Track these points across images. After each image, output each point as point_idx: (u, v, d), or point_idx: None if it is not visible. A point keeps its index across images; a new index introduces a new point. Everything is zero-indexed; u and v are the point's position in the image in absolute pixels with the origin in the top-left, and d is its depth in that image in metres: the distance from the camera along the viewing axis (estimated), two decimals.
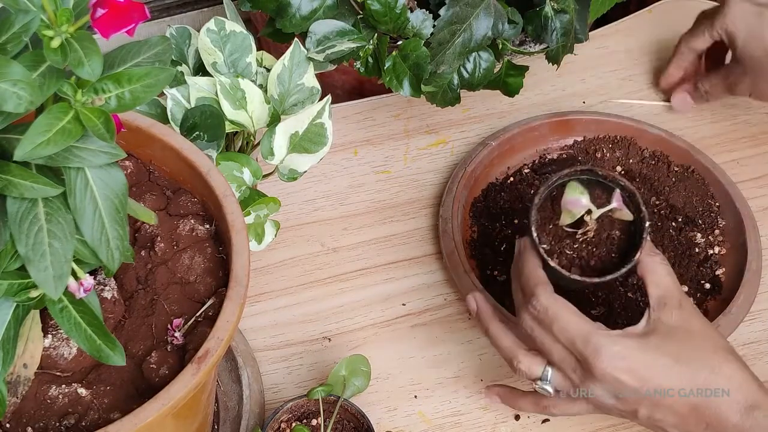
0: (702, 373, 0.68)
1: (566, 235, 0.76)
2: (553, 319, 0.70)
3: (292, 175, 0.82)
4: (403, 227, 0.96)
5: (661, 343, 0.69)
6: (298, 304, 0.90)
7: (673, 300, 0.71)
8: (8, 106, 0.45)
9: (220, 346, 0.57)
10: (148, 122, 0.68)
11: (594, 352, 0.68)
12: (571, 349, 0.70)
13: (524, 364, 0.73)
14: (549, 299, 0.71)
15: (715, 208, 0.94)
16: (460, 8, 0.85)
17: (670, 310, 0.70)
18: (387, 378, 0.85)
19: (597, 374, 0.69)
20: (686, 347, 0.69)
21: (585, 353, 0.69)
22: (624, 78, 1.09)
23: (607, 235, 0.76)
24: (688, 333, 0.70)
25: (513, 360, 0.74)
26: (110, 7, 0.45)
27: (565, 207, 0.74)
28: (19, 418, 0.57)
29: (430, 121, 1.04)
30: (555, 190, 0.76)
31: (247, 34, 0.83)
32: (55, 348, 0.59)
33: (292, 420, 0.79)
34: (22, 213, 0.49)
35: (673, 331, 0.70)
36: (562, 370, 0.71)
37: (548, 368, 0.72)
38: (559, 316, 0.70)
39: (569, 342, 0.70)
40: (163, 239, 0.65)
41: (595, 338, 0.69)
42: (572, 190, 0.73)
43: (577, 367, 0.70)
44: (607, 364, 0.68)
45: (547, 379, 0.72)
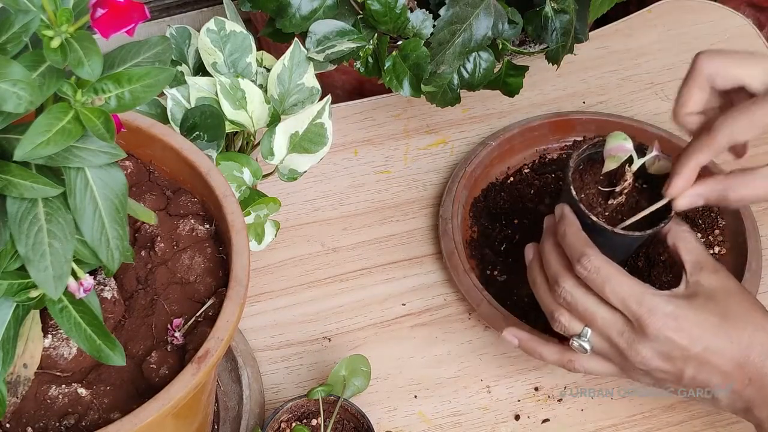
0: (747, 330, 0.69)
1: (597, 204, 0.77)
2: (606, 278, 0.70)
3: (292, 175, 0.82)
4: (403, 227, 0.96)
5: (707, 304, 0.71)
6: (298, 304, 0.90)
7: (709, 265, 0.73)
8: (8, 106, 0.45)
9: (220, 346, 0.57)
10: (148, 122, 0.68)
11: (648, 312, 0.69)
12: (622, 310, 0.70)
13: (565, 317, 0.73)
14: (599, 259, 0.71)
15: (715, 208, 0.94)
16: (460, 8, 0.85)
17: (708, 274, 0.72)
18: (387, 378, 0.85)
19: (650, 334, 0.69)
20: (729, 306, 0.71)
21: (638, 313, 0.69)
22: (624, 78, 1.09)
23: (636, 203, 0.77)
24: (728, 293, 0.71)
25: (555, 312, 0.74)
26: (110, 7, 0.45)
27: (609, 153, 0.75)
28: (19, 418, 0.57)
29: (430, 121, 1.04)
30: (582, 162, 0.77)
31: (247, 34, 0.83)
32: (55, 348, 0.59)
33: (292, 420, 0.79)
34: (22, 213, 0.49)
35: (714, 293, 0.71)
36: (607, 334, 0.72)
37: (587, 328, 0.73)
38: (613, 274, 0.70)
39: (621, 302, 0.70)
40: (163, 239, 0.65)
41: (648, 298, 0.70)
42: (615, 138, 0.74)
43: (626, 329, 0.71)
44: (662, 324, 0.69)
45: (587, 336, 0.73)
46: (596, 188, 0.77)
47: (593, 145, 0.77)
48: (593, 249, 0.72)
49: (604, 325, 0.71)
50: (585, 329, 0.72)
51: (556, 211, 0.76)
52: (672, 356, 0.70)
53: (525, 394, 0.85)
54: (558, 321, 0.73)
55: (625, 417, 0.83)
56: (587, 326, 0.72)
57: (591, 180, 0.77)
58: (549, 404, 0.84)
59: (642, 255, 0.88)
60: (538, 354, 0.77)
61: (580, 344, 0.73)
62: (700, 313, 0.70)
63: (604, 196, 0.77)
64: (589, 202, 0.77)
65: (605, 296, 0.71)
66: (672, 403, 0.84)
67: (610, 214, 0.77)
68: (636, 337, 0.70)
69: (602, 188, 0.77)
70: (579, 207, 0.74)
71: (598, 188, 0.77)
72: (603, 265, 0.71)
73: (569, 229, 0.74)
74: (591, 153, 0.77)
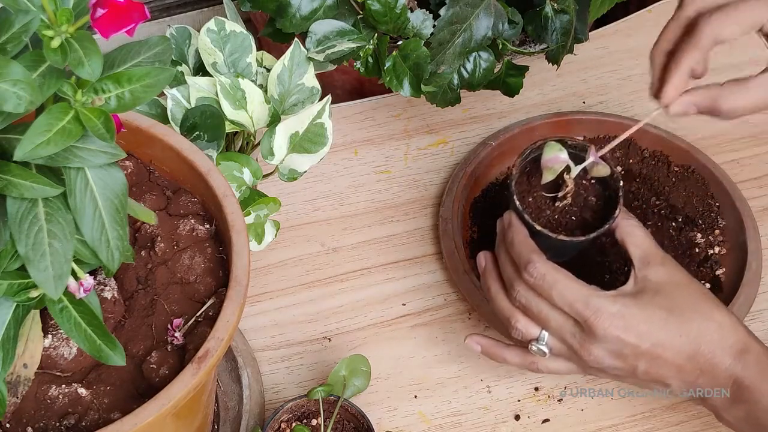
0: (695, 321, 0.70)
1: (545, 206, 0.78)
2: (551, 284, 0.71)
3: (292, 175, 0.82)
4: (403, 227, 0.96)
5: (653, 299, 0.71)
6: (298, 304, 0.90)
7: (656, 258, 0.73)
8: (8, 106, 0.45)
9: (220, 346, 0.57)
10: (148, 122, 0.68)
11: (594, 313, 0.70)
12: (570, 313, 0.71)
13: (521, 323, 0.74)
14: (546, 265, 0.72)
15: (715, 208, 0.94)
16: (460, 8, 0.85)
17: (654, 267, 0.73)
18: (387, 378, 0.85)
19: (599, 334, 0.70)
20: (676, 299, 0.71)
21: (585, 315, 0.70)
22: (624, 78, 1.09)
23: (584, 200, 0.78)
24: (675, 286, 0.72)
25: (511, 319, 0.75)
26: (110, 7, 0.45)
27: (546, 165, 0.76)
28: (19, 418, 0.57)
29: (431, 121, 1.04)
30: (528, 165, 0.78)
31: (247, 34, 0.83)
32: (55, 348, 0.59)
33: (292, 420, 0.79)
34: (22, 213, 0.49)
35: (661, 286, 0.72)
36: (561, 336, 0.73)
37: (544, 332, 0.74)
38: (558, 280, 0.71)
39: (568, 305, 0.71)
40: (163, 239, 0.65)
41: (594, 300, 0.70)
42: (550, 148, 0.76)
43: (577, 331, 0.72)
44: (608, 324, 0.70)
45: (544, 340, 0.73)
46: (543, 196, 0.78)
47: (537, 149, 0.78)
48: (539, 255, 0.73)
49: (557, 327, 0.72)
50: (542, 333, 0.73)
51: (504, 218, 0.78)
52: (623, 354, 0.71)
53: (525, 394, 0.85)
54: (515, 328, 0.74)
55: (625, 417, 0.83)
56: (543, 329, 0.73)
57: (538, 182, 0.78)
58: (549, 404, 0.84)
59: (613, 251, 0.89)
60: (501, 358, 0.78)
61: (539, 348, 0.74)
62: (646, 309, 0.71)
63: (551, 198, 0.78)
64: (538, 205, 0.78)
65: (553, 301, 0.72)
66: (672, 403, 0.84)
67: (559, 216, 0.78)
68: (586, 338, 0.71)
69: (546, 194, 0.78)
70: (523, 216, 0.75)
71: (543, 195, 0.78)
72: (549, 271, 0.72)
73: (516, 237, 0.75)
74: (537, 156, 0.78)
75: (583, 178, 0.78)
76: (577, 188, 0.77)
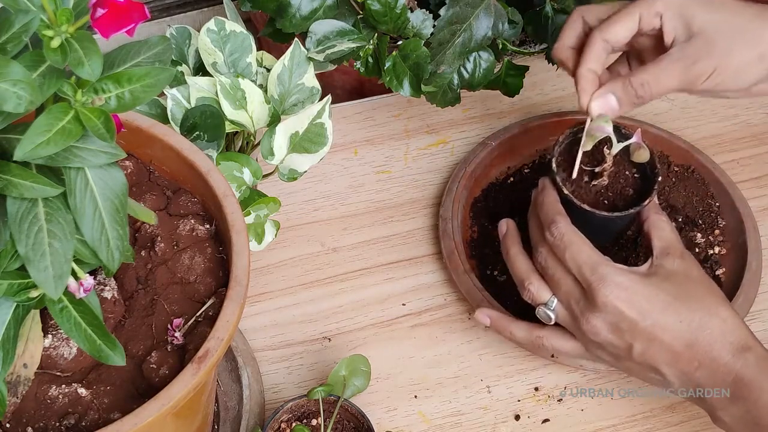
0: (698, 312, 0.71)
1: (582, 187, 0.79)
2: (567, 245, 0.73)
3: (292, 175, 0.82)
4: (403, 227, 0.96)
5: (662, 283, 0.72)
6: (298, 304, 0.90)
7: (676, 251, 0.75)
8: (8, 106, 0.45)
9: (220, 346, 0.57)
10: (148, 122, 0.68)
11: (599, 279, 0.71)
12: (578, 277, 0.73)
13: (534, 286, 0.76)
14: (567, 227, 0.74)
15: (715, 208, 0.94)
16: (460, 8, 0.85)
17: (672, 258, 0.74)
18: (387, 378, 0.85)
19: (599, 302, 0.71)
20: (685, 289, 0.72)
21: (590, 280, 0.71)
22: None
23: (621, 189, 0.79)
24: (687, 278, 0.73)
25: (525, 281, 0.77)
26: (110, 7, 0.45)
27: (589, 133, 0.77)
28: (19, 418, 0.57)
29: (430, 121, 1.04)
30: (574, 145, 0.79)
31: (247, 34, 0.83)
32: (55, 348, 0.59)
33: (292, 420, 0.79)
34: (22, 213, 0.49)
35: (674, 275, 0.73)
36: (567, 302, 0.74)
37: (554, 297, 0.75)
38: (574, 242, 0.73)
39: (577, 268, 0.73)
40: (163, 239, 0.65)
41: (602, 267, 0.72)
42: (599, 119, 0.76)
43: (581, 298, 0.73)
44: (609, 292, 0.71)
45: (552, 306, 0.75)
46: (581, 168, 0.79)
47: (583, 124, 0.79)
48: (564, 218, 0.75)
49: (565, 292, 0.74)
50: (552, 298, 0.75)
51: (539, 183, 0.79)
52: (620, 328, 0.71)
53: (525, 394, 0.85)
54: (527, 289, 0.76)
55: (625, 417, 0.83)
56: (554, 294, 0.75)
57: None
58: (549, 404, 0.84)
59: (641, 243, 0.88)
60: (508, 332, 0.80)
61: (546, 312, 0.75)
62: (652, 289, 0.71)
63: (589, 177, 0.79)
64: (574, 182, 0.79)
65: (565, 262, 0.73)
66: (672, 403, 0.84)
67: (594, 197, 0.78)
68: (587, 305, 0.72)
69: (584, 167, 0.79)
70: (555, 180, 0.77)
71: (581, 167, 0.79)
72: (568, 232, 0.74)
73: (546, 198, 0.77)
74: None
75: (623, 167, 0.79)
76: (616, 176, 0.79)
